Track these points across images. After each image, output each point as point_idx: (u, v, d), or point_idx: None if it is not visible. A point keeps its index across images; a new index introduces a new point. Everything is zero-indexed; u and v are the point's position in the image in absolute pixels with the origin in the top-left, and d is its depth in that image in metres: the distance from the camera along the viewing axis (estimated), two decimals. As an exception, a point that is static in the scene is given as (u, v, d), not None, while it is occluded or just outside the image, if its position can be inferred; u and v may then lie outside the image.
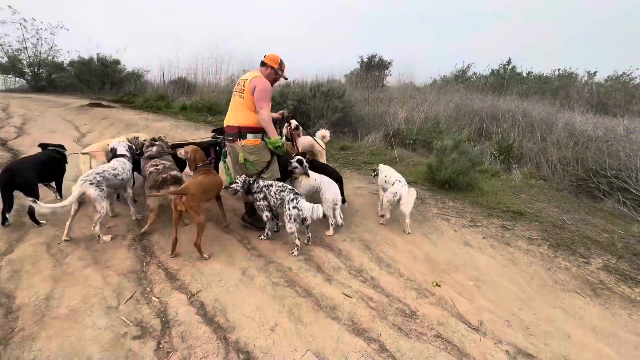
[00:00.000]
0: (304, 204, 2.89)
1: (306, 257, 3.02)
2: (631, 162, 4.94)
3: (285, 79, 3.37)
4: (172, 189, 3.00)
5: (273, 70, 3.18)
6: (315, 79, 10.67)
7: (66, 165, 3.71)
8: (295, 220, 2.89)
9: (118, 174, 3.16)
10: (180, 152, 3.41)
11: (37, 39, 16.13)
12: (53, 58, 16.67)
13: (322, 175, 3.53)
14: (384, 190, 3.76)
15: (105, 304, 2.29)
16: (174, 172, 3.20)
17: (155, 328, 2.12)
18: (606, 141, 5.92)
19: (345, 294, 2.55)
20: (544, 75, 14.63)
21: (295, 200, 2.90)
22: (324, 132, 4.79)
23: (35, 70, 16.36)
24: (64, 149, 3.75)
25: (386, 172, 3.86)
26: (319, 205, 2.95)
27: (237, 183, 3.10)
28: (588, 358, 2.17)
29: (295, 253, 2.98)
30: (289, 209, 2.89)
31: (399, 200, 3.53)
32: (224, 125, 3.24)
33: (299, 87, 9.13)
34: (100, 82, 15.00)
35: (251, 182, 3.10)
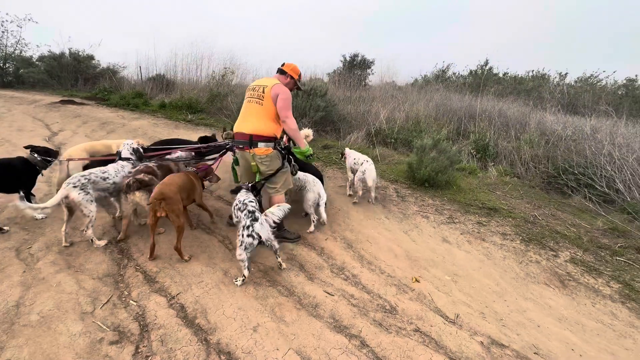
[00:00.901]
0: (257, 227, 2.47)
1: (289, 256, 3.03)
2: (596, 160, 5.24)
3: (301, 89, 3.31)
4: (137, 193, 2.85)
5: (292, 80, 3.08)
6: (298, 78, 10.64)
7: (39, 174, 3.25)
8: (246, 248, 2.45)
9: (108, 177, 2.92)
10: None
11: (3, 32, 15.18)
12: (20, 52, 15.75)
13: (306, 174, 3.54)
14: (354, 172, 4.28)
15: (80, 310, 2.22)
16: (140, 175, 2.92)
17: (134, 332, 2.08)
18: (574, 140, 6.25)
19: (327, 292, 2.59)
20: (519, 76, 15.21)
21: (250, 228, 2.46)
22: (307, 132, 4.80)
23: (1, 64, 15.43)
24: (50, 155, 3.29)
25: (354, 155, 4.36)
26: (269, 214, 2.63)
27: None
28: (555, 345, 2.30)
29: (239, 283, 2.56)
30: (242, 235, 2.46)
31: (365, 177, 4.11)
32: (235, 131, 3.03)
33: (282, 85, 9.07)
34: (72, 78, 14.35)
35: (242, 188, 2.91)
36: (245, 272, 2.55)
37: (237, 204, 2.71)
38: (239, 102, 9.02)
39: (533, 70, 15.11)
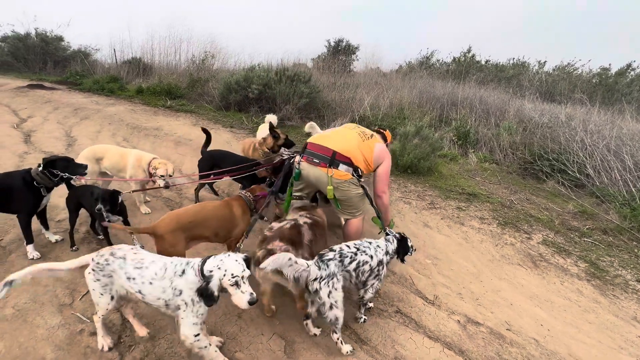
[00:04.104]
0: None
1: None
2: (569, 147, 5.46)
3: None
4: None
5: (386, 145, 3.00)
6: (281, 63, 10.44)
7: (44, 193, 2.52)
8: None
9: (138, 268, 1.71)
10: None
11: (-41, 9, 14.06)
12: (-20, 32, 14.64)
13: None
14: None
15: (58, 302, 2.17)
16: (275, 243, 2.05)
17: (115, 323, 2.05)
18: (550, 127, 6.47)
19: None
20: (501, 63, 15.45)
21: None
22: (270, 117, 4.43)
23: (-40, 45, 14.32)
24: (59, 162, 2.51)
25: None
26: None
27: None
28: (526, 322, 2.45)
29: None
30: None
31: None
32: (311, 141, 2.56)
33: (264, 70, 8.88)
34: (40, 60, 13.53)
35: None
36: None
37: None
38: (220, 87, 8.78)
39: (514, 58, 15.37)
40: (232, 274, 1.53)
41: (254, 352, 1.94)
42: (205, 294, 1.53)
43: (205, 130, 3.57)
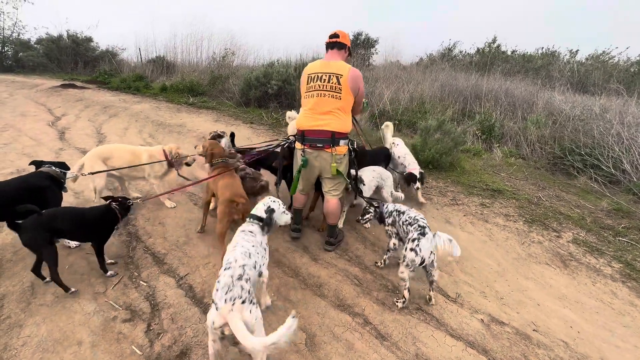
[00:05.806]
0: (423, 244, 2.23)
1: (293, 239, 3.08)
2: (604, 141, 5.16)
3: (352, 55, 2.87)
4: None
5: (349, 50, 2.79)
6: (300, 58, 10.43)
7: (61, 192, 2.67)
8: (408, 265, 2.27)
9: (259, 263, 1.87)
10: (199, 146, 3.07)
11: (-1, 14, 14.99)
12: (18, 35, 15.60)
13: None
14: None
15: (93, 290, 2.30)
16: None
17: (145, 311, 2.16)
18: (582, 120, 6.12)
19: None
20: (528, 53, 14.70)
21: (416, 241, 2.26)
22: (291, 114, 4.57)
23: (0, 48, 15.29)
24: (66, 167, 2.76)
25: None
26: (442, 236, 2.24)
27: (371, 213, 2.68)
28: (554, 323, 2.36)
29: (399, 305, 2.35)
30: (406, 249, 2.29)
31: None
32: (306, 129, 2.63)
33: (283, 66, 8.91)
34: (72, 61, 14.24)
35: (382, 208, 2.66)
36: (406, 294, 2.33)
37: (407, 220, 2.45)
38: (240, 84, 8.90)
39: (543, 48, 14.59)
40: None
41: (275, 344, 1.99)
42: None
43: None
